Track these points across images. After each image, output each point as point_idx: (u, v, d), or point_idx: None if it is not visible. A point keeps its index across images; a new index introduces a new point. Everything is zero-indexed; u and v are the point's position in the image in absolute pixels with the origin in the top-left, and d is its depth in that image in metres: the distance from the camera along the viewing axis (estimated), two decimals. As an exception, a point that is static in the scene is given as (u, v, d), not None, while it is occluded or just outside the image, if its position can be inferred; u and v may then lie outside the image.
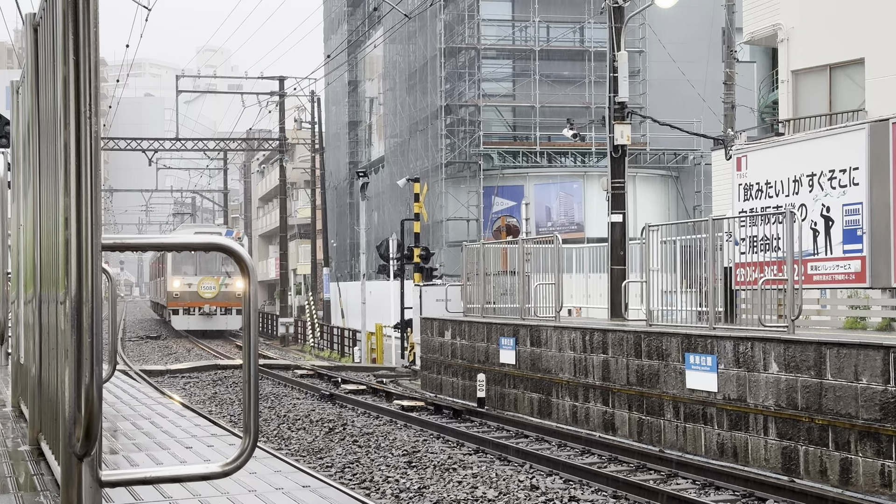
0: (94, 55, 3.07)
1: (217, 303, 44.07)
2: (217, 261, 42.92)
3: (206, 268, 44.23)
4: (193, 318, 44.20)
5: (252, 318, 3.67)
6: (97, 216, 3.06)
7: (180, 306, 44.13)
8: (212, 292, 44.05)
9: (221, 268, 43.70)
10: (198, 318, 44.20)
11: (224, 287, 43.64)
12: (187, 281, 44.08)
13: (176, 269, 44.26)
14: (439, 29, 44.35)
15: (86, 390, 3.02)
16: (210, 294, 44.00)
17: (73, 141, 3.04)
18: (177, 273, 44.33)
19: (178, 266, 44.15)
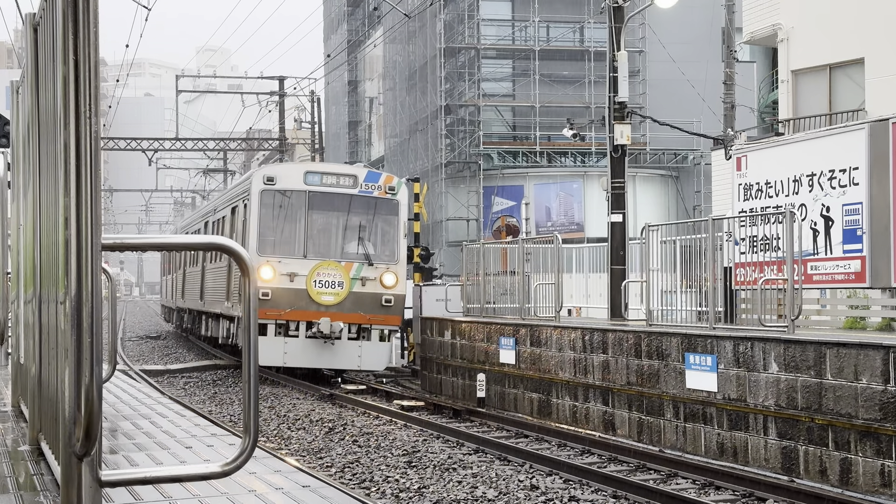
0: (94, 55, 3.07)
1: (346, 316, 21.28)
2: (342, 232, 21.97)
3: (326, 244, 21.87)
4: (296, 343, 21.23)
5: (253, 318, 3.67)
6: (97, 216, 3.06)
7: (273, 318, 21.16)
8: (335, 293, 21.24)
9: (355, 246, 22.00)
10: (306, 345, 21.27)
11: (361, 283, 21.28)
12: (288, 268, 21.20)
13: (266, 245, 21.47)
14: (439, 29, 44.33)
15: (86, 390, 3.02)
16: (332, 297, 21.22)
17: (73, 141, 3.04)
18: (268, 251, 21.38)
19: (269, 238, 21.68)
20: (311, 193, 21.13)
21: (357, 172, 21.79)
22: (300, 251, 21.17)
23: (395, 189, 21.58)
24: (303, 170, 21.91)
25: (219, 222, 27.05)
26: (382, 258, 21.35)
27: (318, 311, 20.74)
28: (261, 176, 21.29)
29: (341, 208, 21.38)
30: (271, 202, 21.04)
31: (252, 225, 21.11)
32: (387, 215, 21.49)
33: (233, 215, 24.12)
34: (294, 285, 20.74)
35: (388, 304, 21.06)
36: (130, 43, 37.95)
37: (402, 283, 21.28)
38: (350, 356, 21.16)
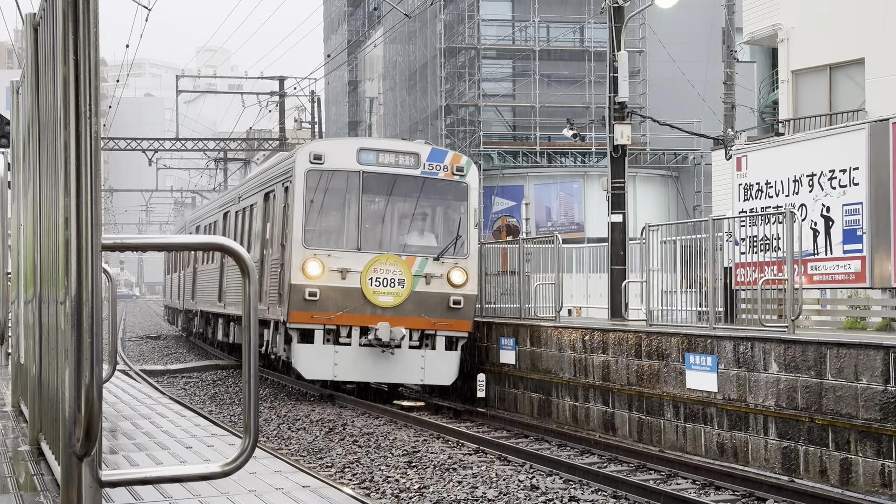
0: (94, 55, 3.07)
1: (408, 320, 17.73)
2: (402, 220, 18.65)
3: (383, 235, 18.39)
4: (349, 352, 17.66)
5: (253, 318, 3.67)
6: (97, 216, 3.06)
7: (321, 322, 17.57)
8: (395, 293, 17.75)
9: (418, 237, 18.68)
10: (361, 355, 17.68)
11: (425, 281, 17.88)
12: (339, 263, 17.63)
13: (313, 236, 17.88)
14: (439, 29, 44.34)
15: (86, 390, 3.02)
16: (392, 297, 17.73)
17: (73, 141, 3.04)
18: (315, 243, 17.82)
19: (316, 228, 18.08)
20: (366, 174, 17.83)
21: (419, 150, 18.33)
22: (353, 243, 17.72)
23: (463, 170, 18.27)
24: (356, 146, 18.23)
25: (245, 212, 23.29)
26: (450, 251, 18.16)
27: (374, 315, 17.37)
28: (306, 153, 17.76)
29: (401, 192, 18.22)
30: (319, 184, 17.72)
31: (296, 212, 17.51)
32: (454, 200, 18.42)
33: (266, 202, 20.39)
34: (346, 283, 17.32)
35: (457, 306, 17.78)
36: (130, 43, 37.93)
37: (473, 282, 18.15)
38: (412, 368, 17.68)
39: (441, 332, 17.84)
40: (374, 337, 17.18)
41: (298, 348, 17.48)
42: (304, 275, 17.20)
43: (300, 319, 17.35)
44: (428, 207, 18.57)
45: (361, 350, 17.45)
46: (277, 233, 18.85)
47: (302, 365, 17.53)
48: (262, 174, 22.22)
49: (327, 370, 17.48)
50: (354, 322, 17.40)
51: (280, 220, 18.67)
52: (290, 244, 17.57)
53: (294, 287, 17.22)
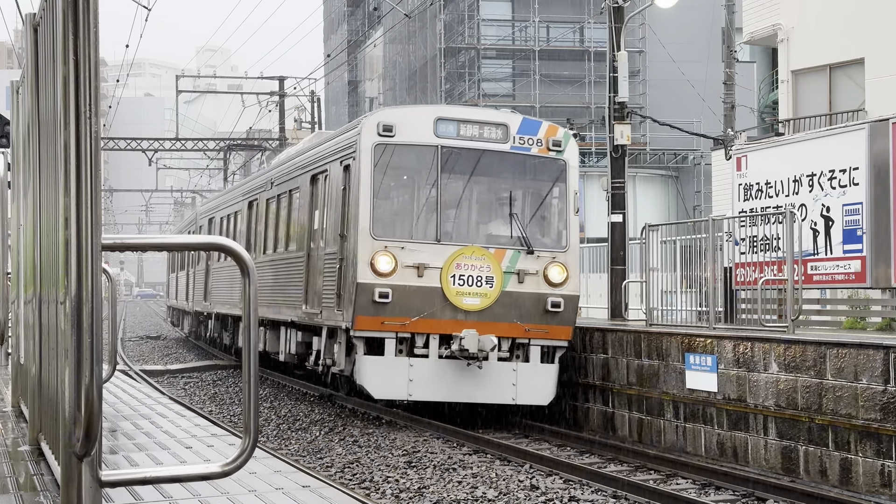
0: (94, 55, 3.07)
1: (497, 327, 14.64)
2: (489, 205, 15.85)
3: (467, 223, 15.63)
4: (427, 366, 14.61)
5: (253, 318, 3.67)
6: (97, 216, 3.06)
7: (393, 329, 14.53)
8: (483, 294, 14.70)
9: (507, 225, 15.41)
10: (441, 369, 14.63)
11: (517, 279, 14.87)
12: (414, 257, 14.62)
13: (383, 225, 14.85)
14: (439, 29, 44.37)
15: (86, 390, 3.02)
16: (478, 298, 14.70)
17: (73, 141, 3.04)
18: (385, 233, 14.76)
19: (386, 215, 15.16)
20: (446, 150, 14.87)
21: (508, 120, 15.33)
22: (431, 233, 14.71)
23: (560, 144, 15.22)
24: (432, 115, 15.11)
25: (281, 200, 19.89)
26: (546, 243, 15.22)
27: (456, 320, 14.46)
28: (374, 124, 14.68)
29: (487, 171, 15.30)
30: (389, 162, 14.78)
31: (362, 195, 14.48)
32: (550, 181, 15.43)
33: (314, 185, 17.26)
34: (423, 282, 14.39)
35: (556, 310, 14.77)
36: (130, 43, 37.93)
37: (574, 280, 15.16)
38: (501, 385, 14.66)
39: (536, 341, 14.89)
40: (459, 347, 14.22)
41: (365, 362, 14.43)
42: (372, 272, 14.22)
43: (367, 326, 14.33)
44: (519, 189, 15.50)
45: (441, 363, 14.48)
46: (333, 221, 15.68)
47: (370, 382, 14.43)
48: (306, 153, 18.74)
49: (401, 388, 14.45)
50: (433, 329, 14.47)
51: (337, 205, 15.58)
52: (353, 235, 14.56)
53: (361, 287, 14.20)
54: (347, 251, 14.87)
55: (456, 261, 14.58)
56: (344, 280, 14.91)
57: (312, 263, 16.84)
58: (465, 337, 14.22)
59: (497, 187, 15.51)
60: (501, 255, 14.85)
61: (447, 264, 14.53)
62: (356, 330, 14.38)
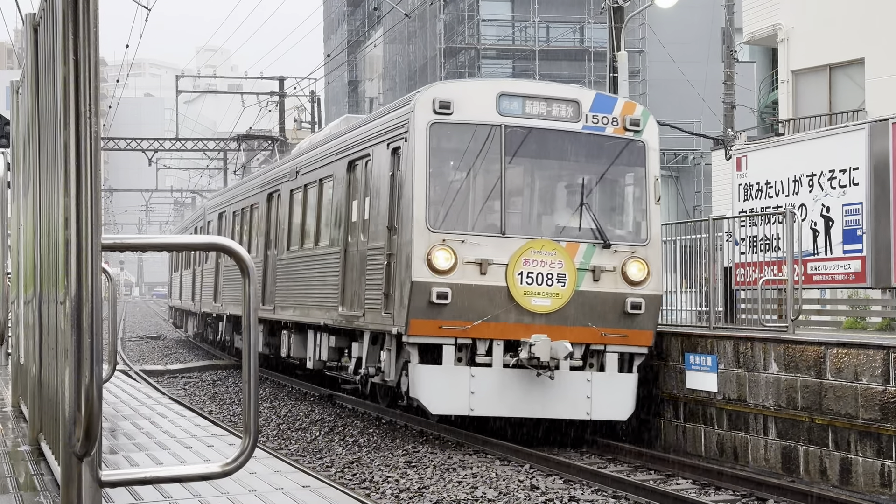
0: (94, 55, 3.07)
1: (570, 331, 12.97)
2: (559, 193, 14.30)
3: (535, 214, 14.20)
4: (490, 376, 12.88)
5: (253, 319, 3.67)
6: (97, 216, 3.06)
7: (453, 334, 12.83)
8: (554, 294, 13.01)
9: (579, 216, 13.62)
10: (507, 381, 12.93)
11: (593, 277, 13.18)
12: (476, 252, 12.89)
13: (440, 215, 13.08)
14: (439, 29, 44.38)
15: (86, 390, 3.02)
16: (550, 299, 13.00)
17: (73, 141, 3.04)
18: (442, 225, 13.02)
19: (443, 204, 13.22)
20: (511, 130, 13.24)
21: (579, 96, 13.59)
22: (495, 224, 13.07)
23: (639, 123, 13.69)
24: (495, 90, 13.36)
25: (309, 190, 18.01)
26: (624, 236, 13.69)
27: (523, 324, 12.81)
28: (429, 100, 12.98)
29: (556, 154, 13.77)
30: (447, 143, 13.22)
31: (416, 180, 12.83)
32: (627, 165, 13.98)
33: (352, 172, 15.41)
34: (487, 280, 12.75)
35: (636, 311, 13.17)
36: (130, 43, 37.95)
37: (655, 277, 13.53)
38: (574, 398, 13.02)
39: (613, 348, 13.24)
40: (528, 355, 12.57)
41: (421, 372, 12.75)
42: (429, 268, 12.57)
43: (423, 331, 12.66)
44: (592, 175, 13.91)
45: (506, 374, 12.83)
46: (379, 212, 13.96)
47: (427, 395, 12.73)
48: (340, 137, 16.68)
49: (461, 402, 12.73)
50: (497, 334, 12.82)
51: (383, 194, 13.83)
52: (406, 226, 12.90)
53: (416, 286, 12.54)
54: (398, 246, 13.17)
55: (523, 256, 12.87)
56: (394, 278, 13.19)
57: (350, 260, 15.10)
58: (535, 343, 12.54)
59: (568, 172, 13.98)
60: (574, 249, 13.14)
61: (513, 260, 12.83)
62: (410, 335, 12.67)
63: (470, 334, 12.76)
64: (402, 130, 13.42)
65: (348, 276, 15.14)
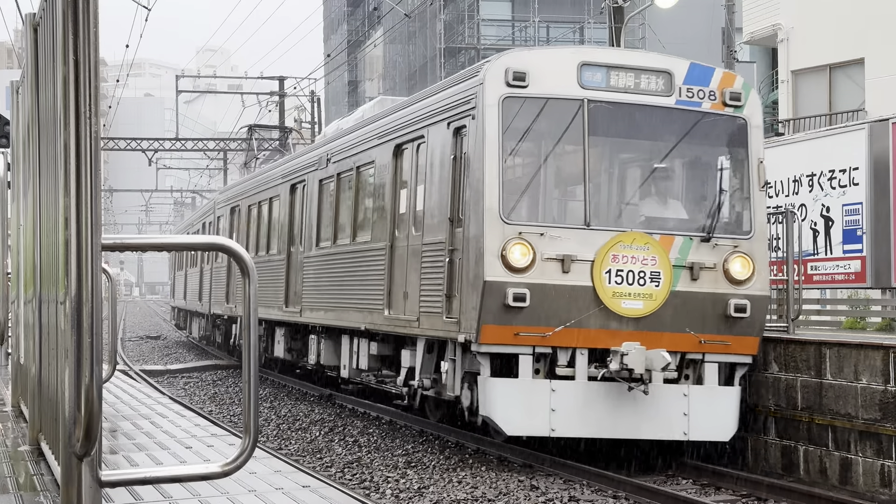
0: (94, 55, 3.07)
1: (665, 338, 11.29)
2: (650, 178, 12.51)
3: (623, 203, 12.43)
4: (573, 391, 11.17)
5: (252, 318, 3.68)
6: (97, 216, 3.06)
7: (531, 342, 11.12)
8: (647, 295, 11.34)
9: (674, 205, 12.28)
10: (593, 395, 11.20)
11: (690, 276, 11.47)
12: (557, 247, 11.18)
13: (514, 205, 11.43)
14: (439, 29, 44.39)
15: (86, 390, 3.02)
16: (642, 301, 11.34)
17: (73, 141, 3.04)
18: (518, 215, 11.40)
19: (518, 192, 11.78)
20: (595, 105, 11.57)
21: (672, 66, 11.91)
22: (578, 214, 11.50)
23: (740, 98, 11.91)
24: (576, 59, 11.63)
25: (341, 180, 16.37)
26: (724, 228, 11.88)
27: (612, 330, 11.20)
28: (501, 71, 11.31)
29: (647, 132, 12.12)
30: (522, 121, 11.46)
31: (489, 165, 11.13)
32: (728, 146, 12.28)
33: (398, 159, 13.85)
34: (569, 279, 11.14)
35: (740, 315, 11.49)
36: (130, 43, 37.98)
37: (762, 275, 11.84)
38: (670, 415, 11.33)
39: (712, 356, 11.55)
40: (620, 366, 10.88)
41: (495, 386, 11.06)
42: (504, 266, 10.95)
43: (496, 338, 11.02)
44: (687, 157, 12.46)
45: (592, 388, 11.16)
46: (439, 202, 12.27)
47: (501, 413, 11.03)
48: (384, 119, 14.89)
49: (540, 421, 11.03)
50: (581, 342, 11.18)
51: (443, 180, 12.18)
52: (475, 218, 11.24)
53: (490, 286, 10.93)
54: (464, 240, 11.50)
55: (612, 251, 11.20)
56: (460, 277, 11.53)
57: (399, 257, 13.42)
58: (628, 352, 10.83)
59: (659, 154, 12.34)
60: (669, 242, 11.47)
61: (600, 256, 11.17)
62: (482, 343, 11.00)
63: (550, 342, 11.11)
64: (467, 107, 11.73)
65: (396, 275, 13.47)
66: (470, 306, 11.19)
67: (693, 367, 11.61)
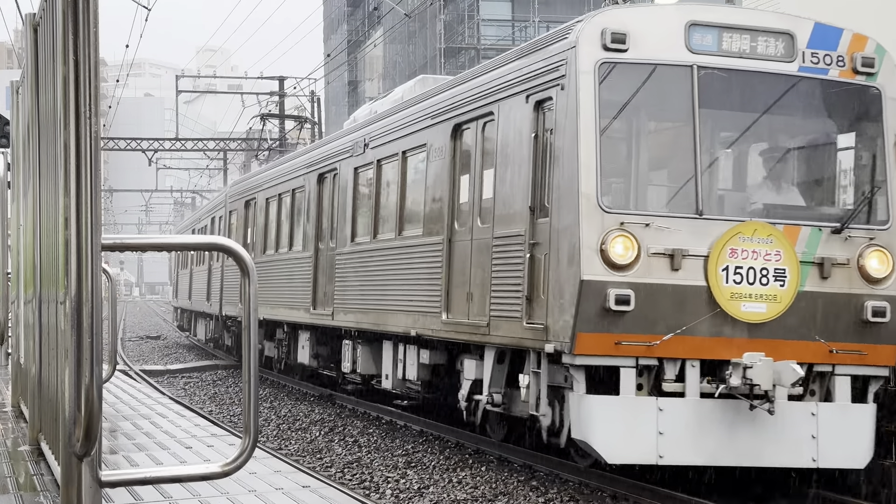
0: (94, 55, 3.07)
1: (791, 347, 9.60)
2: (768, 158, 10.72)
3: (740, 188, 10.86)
4: (684, 411, 9.49)
5: (253, 318, 3.67)
6: (97, 216, 3.06)
7: (634, 353, 9.44)
8: (772, 296, 9.64)
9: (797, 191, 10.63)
10: (707, 416, 9.51)
11: (819, 273, 9.79)
12: (665, 240, 9.52)
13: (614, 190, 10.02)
14: (439, 29, 44.42)
15: (86, 390, 3.02)
16: (765, 304, 9.65)
17: (72, 141, 3.04)
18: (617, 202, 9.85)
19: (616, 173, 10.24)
20: (706, 72, 9.96)
21: (793, 27, 10.36)
22: (688, 201, 9.82)
23: (873, 64, 10.29)
24: (683, 19, 10.05)
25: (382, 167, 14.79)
26: (858, 217, 10.12)
27: (728, 338, 9.59)
28: (597, 31, 9.71)
29: (765, 104, 10.43)
30: (622, 92, 9.96)
31: (584, 142, 9.50)
32: (859, 120, 10.62)
33: (457, 140, 12.24)
34: (679, 278, 9.56)
35: (878, 320, 9.89)
36: (130, 43, 37.99)
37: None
38: (796, 439, 9.71)
39: (844, 369, 9.92)
40: (743, 380, 9.33)
41: (592, 406, 9.49)
42: (604, 263, 9.40)
43: (595, 348, 9.46)
44: (812, 133, 10.90)
45: (704, 406, 9.54)
46: (516, 188, 10.65)
47: (601, 437, 9.46)
48: (438, 95, 13.14)
49: (646, 446, 9.45)
50: (692, 352, 9.56)
51: (520, 163, 10.55)
52: (567, 206, 9.68)
53: (588, 287, 9.38)
54: (552, 232, 9.92)
55: (729, 244, 9.58)
56: (545, 277, 9.94)
57: (460, 252, 11.88)
58: (752, 365, 9.29)
59: (779, 130, 10.85)
60: (794, 234, 9.81)
61: (716, 250, 9.56)
62: (577, 354, 9.42)
63: (657, 352, 9.48)
64: (554, 75, 10.07)
65: (456, 274, 11.89)
66: (561, 310, 9.60)
67: (820, 380, 9.89)
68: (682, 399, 9.52)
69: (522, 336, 10.22)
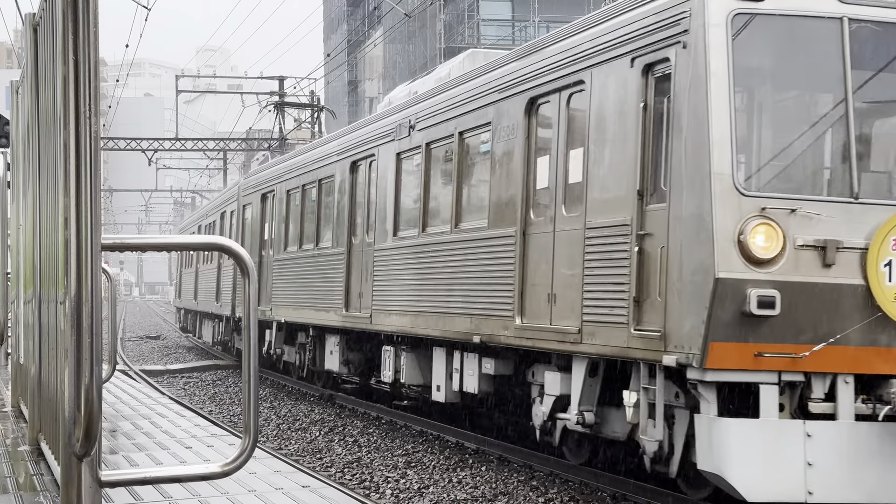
0: (94, 55, 3.07)
1: None
2: None
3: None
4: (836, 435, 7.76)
5: (252, 319, 3.68)
6: (97, 216, 3.06)
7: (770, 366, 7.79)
8: None
9: None
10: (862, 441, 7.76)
11: None
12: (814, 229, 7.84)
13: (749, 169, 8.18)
14: (439, 29, 44.43)
15: (86, 390, 3.02)
16: None
17: (72, 141, 3.04)
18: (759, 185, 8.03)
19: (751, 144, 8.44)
20: (859, 26, 8.30)
21: None
22: (842, 182, 8.33)
23: None
24: None
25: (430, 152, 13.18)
26: None
27: (891, 348, 8.07)
28: None
29: None
30: (757, 51, 8.42)
31: (715, 111, 7.91)
32: None
33: (532, 117, 10.71)
34: (833, 276, 7.98)
35: None
36: (130, 43, 37.99)
37: None
38: None
39: None
40: None
41: (727, 431, 7.85)
42: (742, 256, 7.83)
43: (730, 361, 7.90)
44: None
45: (861, 431, 7.94)
46: (616, 168, 9.13)
47: (739, 469, 7.80)
48: (504, 67, 11.47)
49: (793, 480, 7.80)
50: (846, 366, 8.01)
51: (623, 139, 9.00)
52: (693, 188, 8.09)
53: (724, 286, 7.81)
54: (671, 219, 8.33)
55: (892, 234, 8.03)
56: (668, 274, 8.32)
57: (537, 246, 10.35)
58: None
59: None
60: None
61: (877, 242, 8.00)
62: (707, 368, 7.84)
63: (804, 366, 7.91)
64: (671, 32, 8.44)
65: (530, 272, 10.42)
66: (686, 315, 8.06)
67: None
68: (835, 423, 7.96)
69: (628, 345, 8.70)
